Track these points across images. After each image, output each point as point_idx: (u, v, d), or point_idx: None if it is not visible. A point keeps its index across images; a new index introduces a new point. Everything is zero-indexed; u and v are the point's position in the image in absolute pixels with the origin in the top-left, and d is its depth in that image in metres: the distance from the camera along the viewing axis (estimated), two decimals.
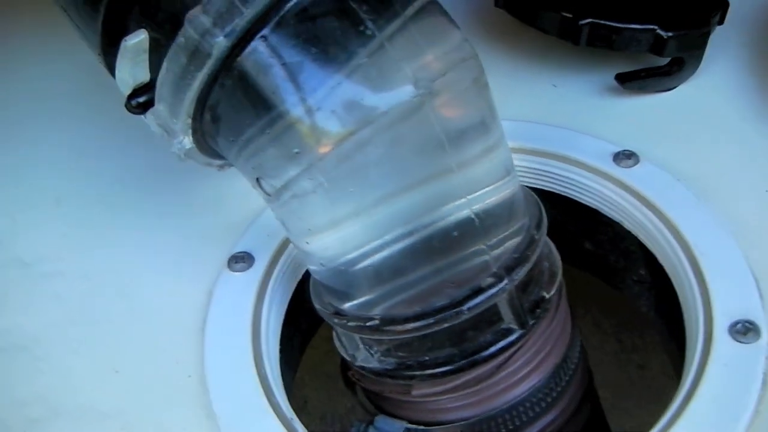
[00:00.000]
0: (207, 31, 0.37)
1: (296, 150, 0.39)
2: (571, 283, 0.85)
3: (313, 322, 0.60)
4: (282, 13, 0.38)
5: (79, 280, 0.56)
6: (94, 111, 0.66)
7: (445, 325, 0.43)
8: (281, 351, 0.54)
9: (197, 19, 0.37)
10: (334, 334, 0.50)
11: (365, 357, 0.48)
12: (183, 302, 0.53)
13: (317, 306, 0.48)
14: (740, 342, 0.46)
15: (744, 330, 0.47)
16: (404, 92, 0.38)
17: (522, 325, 0.46)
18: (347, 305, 0.46)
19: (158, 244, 0.57)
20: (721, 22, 0.64)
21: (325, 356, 0.86)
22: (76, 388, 0.50)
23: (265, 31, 0.38)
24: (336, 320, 0.46)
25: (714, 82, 0.64)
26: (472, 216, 0.42)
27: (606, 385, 0.96)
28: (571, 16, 0.60)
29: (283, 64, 0.38)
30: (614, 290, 0.65)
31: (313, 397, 0.99)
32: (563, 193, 0.59)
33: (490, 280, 0.43)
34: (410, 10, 0.40)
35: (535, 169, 0.59)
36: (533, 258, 0.45)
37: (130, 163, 0.63)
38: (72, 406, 0.49)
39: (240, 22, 0.37)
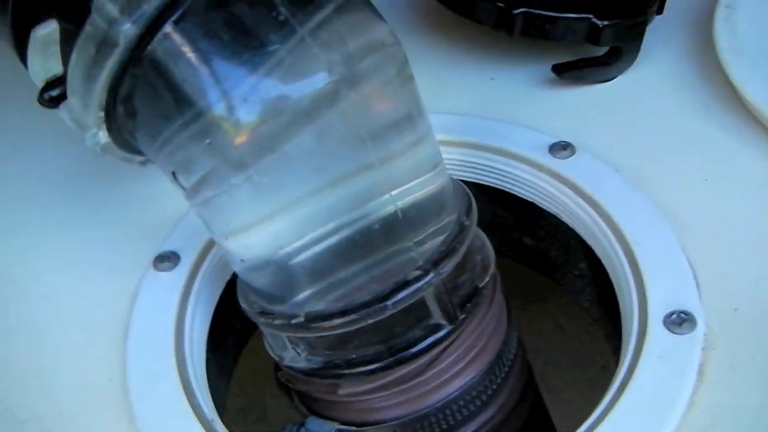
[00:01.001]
0: (114, 19, 0.36)
1: (208, 141, 0.37)
2: (532, 284, 0.85)
3: (247, 323, 0.59)
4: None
5: (2, 284, 0.54)
6: (14, 106, 0.64)
7: (371, 321, 0.42)
8: (213, 351, 0.53)
9: (104, 6, 0.36)
10: (263, 335, 0.49)
11: (293, 356, 0.47)
12: (107, 304, 0.52)
13: (243, 305, 0.46)
14: (675, 333, 0.46)
15: (679, 321, 0.46)
16: (318, 79, 0.37)
17: (451, 320, 0.44)
18: (273, 305, 0.44)
19: (83, 244, 0.56)
20: (660, 11, 0.63)
21: None
22: None
23: (174, 18, 0.36)
24: (262, 320, 0.45)
25: (652, 73, 0.63)
26: (397, 211, 0.41)
27: (568, 387, 0.96)
28: (504, 5, 0.59)
29: (193, 53, 0.37)
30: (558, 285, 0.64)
31: (272, 406, 0.98)
32: (500, 187, 0.58)
33: (415, 273, 0.42)
34: (334, 3, 0.39)
35: (471, 162, 0.58)
36: (461, 251, 0.44)
37: (54, 161, 0.62)
38: None
39: (148, 9, 0.36)
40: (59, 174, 0.61)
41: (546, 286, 0.75)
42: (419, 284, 0.42)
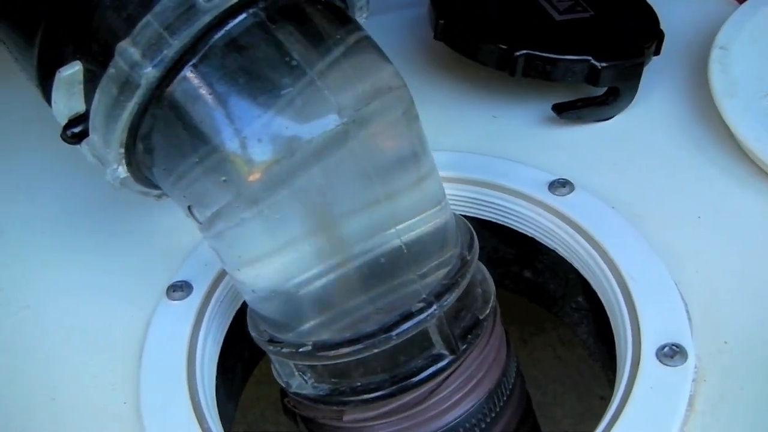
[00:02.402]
0: (136, 62, 0.38)
1: (223, 178, 0.39)
2: (532, 316, 0.86)
3: (255, 350, 0.60)
4: (210, 43, 0.38)
5: (18, 309, 0.56)
6: (37, 141, 0.66)
7: (375, 350, 0.44)
8: (223, 379, 0.54)
9: (126, 50, 0.38)
10: (270, 362, 0.51)
11: (300, 383, 0.48)
12: (121, 330, 0.53)
13: (253, 334, 0.48)
14: (667, 365, 0.47)
15: (671, 353, 0.48)
16: (328, 121, 0.39)
17: (452, 351, 0.46)
18: (281, 334, 0.46)
19: (99, 272, 0.57)
20: (657, 52, 0.65)
21: None
22: (11, 416, 0.50)
23: (193, 62, 0.38)
24: (271, 348, 0.47)
25: (650, 112, 0.66)
26: (402, 245, 0.43)
27: (568, 416, 0.97)
28: (506, 47, 0.61)
29: (211, 95, 0.39)
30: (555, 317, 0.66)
31: (273, 429, 0.99)
32: (501, 222, 0.59)
33: (419, 305, 0.44)
34: (343, 46, 0.41)
35: (472, 198, 0.59)
36: (463, 284, 0.46)
37: (74, 192, 0.63)
38: None
39: (168, 53, 0.38)
40: (78, 204, 0.63)
41: (546, 318, 0.77)
42: (422, 316, 0.44)
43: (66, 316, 0.55)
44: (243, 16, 0.39)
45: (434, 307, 0.44)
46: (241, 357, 0.59)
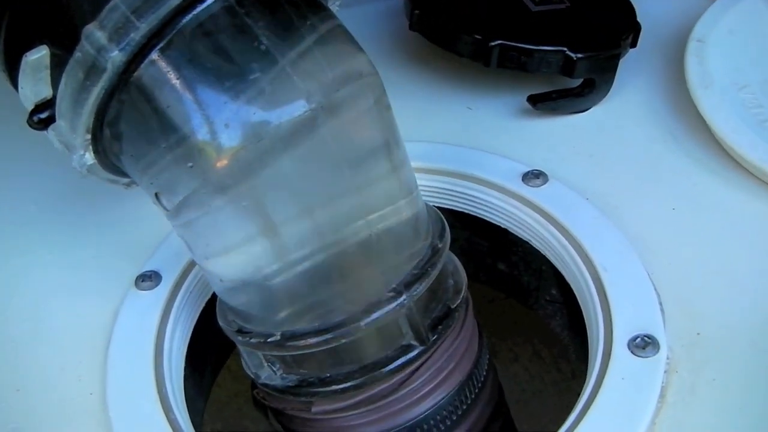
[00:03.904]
0: (102, 46, 0.37)
1: (190, 164, 0.39)
2: (511, 312, 0.86)
3: (226, 342, 0.60)
4: (178, 28, 0.38)
5: None
6: (10, 130, 0.65)
7: (344, 340, 0.43)
8: (192, 371, 0.54)
9: (93, 34, 0.37)
10: (240, 353, 0.50)
11: (269, 375, 0.48)
12: (89, 321, 0.53)
13: (221, 324, 0.48)
14: (639, 356, 0.47)
15: (643, 344, 0.47)
16: (296, 107, 0.38)
17: (422, 341, 0.46)
18: (249, 324, 0.46)
19: (67, 262, 0.57)
20: (633, 45, 0.65)
21: None
22: None
23: (160, 46, 0.38)
24: (239, 338, 0.46)
25: (625, 105, 0.65)
26: (372, 236, 0.43)
27: (546, 413, 0.97)
28: (481, 38, 0.61)
29: (177, 79, 0.38)
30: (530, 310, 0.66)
31: (252, 427, 0.99)
32: (474, 213, 0.59)
33: (388, 295, 0.44)
34: (315, 34, 0.40)
35: (446, 189, 0.59)
36: (433, 274, 0.45)
37: (41, 181, 0.63)
38: None
39: (135, 37, 0.37)
40: (46, 193, 0.62)
41: (525, 314, 0.76)
42: (391, 306, 0.43)
43: (33, 306, 0.55)
44: (211, 0, 0.38)
45: (404, 296, 0.44)
46: (212, 349, 0.59)
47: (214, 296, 0.55)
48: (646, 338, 0.48)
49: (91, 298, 0.54)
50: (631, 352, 0.47)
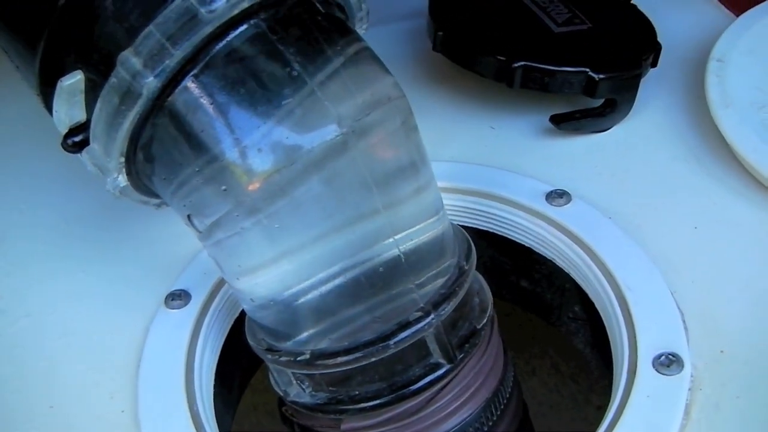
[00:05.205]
0: (138, 72, 0.38)
1: (224, 187, 0.40)
2: (528, 326, 0.86)
3: (253, 359, 0.60)
4: (212, 54, 0.39)
5: (18, 317, 0.56)
6: (37, 149, 0.67)
7: (373, 359, 0.44)
8: (221, 387, 0.55)
9: (128, 60, 0.38)
10: (269, 370, 0.51)
11: (297, 392, 0.48)
12: (121, 339, 0.53)
13: (251, 342, 0.48)
14: (663, 374, 0.48)
15: (667, 362, 0.48)
16: (328, 131, 0.39)
17: (450, 359, 0.46)
18: (279, 343, 0.46)
19: (98, 281, 0.58)
20: (654, 64, 0.66)
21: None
22: (10, 424, 0.50)
23: (194, 72, 0.39)
24: (269, 356, 0.47)
25: (646, 124, 0.66)
26: (400, 255, 0.43)
27: (563, 426, 0.97)
28: (504, 59, 0.62)
29: (211, 104, 0.39)
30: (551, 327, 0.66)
31: None
32: (498, 232, 0.60)
33: (417, 314, 0.44)
34: (342, 57, 0.41)
35: (470, 208, 0.60)
36: (461, 293, 0.46)
37: (74, 201, 0.64)
38: None
39: (170, 63, 0.38)
40: (78, 213, 0.63)
41: (541, 327, 0.77)
42: (420, 325, 0.44)
43: (65, 324, 0.55)
44: (244, 26, 0.39)
45: (432, 316, 0.44)
46: (239, 366, 0.60)
47: (241, 315, 0.56)
48: (670, 356, 0.48)
49: (122, 316, 0.55)
50: (656, 370, 0.48)
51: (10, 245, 0.62)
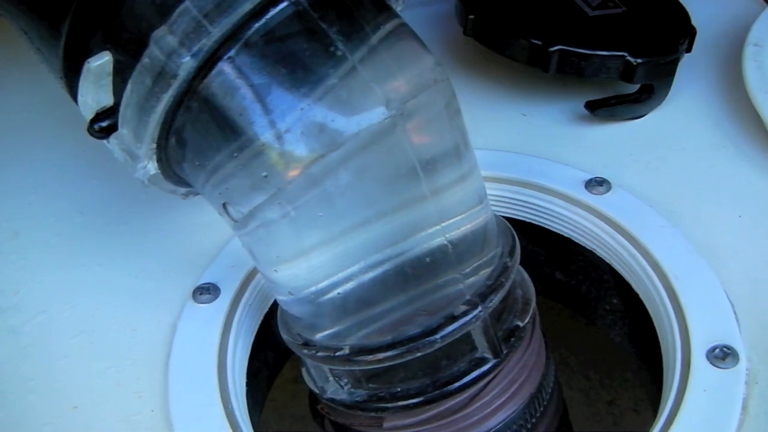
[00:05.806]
0: (173, 51, 0.36)
1: (264, 174, 0.37)
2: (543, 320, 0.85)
3: (280, 356, 0.59)
4: (250, 33, 0.36)
5: (36, 313, 0.54)
6: (52, 139, 0.64)
7: (418, 354, 0.42)
8: (247, 385, 0.53)
9: (163, 39, 0.36)
10: (302, 366, 0.49)
11: (335, 389, 0.46)
12: (146, 335, 0.51)
13: (285, 337, 0.46)
14: (719, 367, 0.46)
15: (722, 355, 0.46)
16: (375, 114, 0.37)
17: (496, 354, 0.44)
18: (317, 336, 0.44)
19: (120, 275, 0.55)
20: (689, 49, 0.64)
21: (292, 399, 0.85)
22: (32, 426, 0.48)
23: (232, 52, 0.36)
24: (305, 351, 0.45)
25: (682, 110, 0.64)
26: (447, 243, 0.41)
27: (574, 422, 0.96)
28: (540, 43, 0.60)
29: (251, 86, 0.37)
30: (586, 324, 0.64)
31: None
32: (535, 222, 0.58)
33: (463, 307, 0.42)
34: (381, 33, 0.39)
35: (506, 197, 0.58)
36: (507, 285, 0.44)
37: (93, 192, 0.61)
38: None
39: (207, 42, 0.36)
40: (96, 204, 0.61)
41: (552, 323, 0.75)
42: (468, 318, 0.42)
43: (86, 320, 0.53)
44: (284, 4, 0.37)
45: (479, 308, 0.42)
46: (266, 363, 0.57)
47: (271, 310, 0.54)
48: (725, 349, 0.46)
49: (147, 311, 0.53)
50: (711, 363, 0.46)
51: (25, 239, 0.59)
